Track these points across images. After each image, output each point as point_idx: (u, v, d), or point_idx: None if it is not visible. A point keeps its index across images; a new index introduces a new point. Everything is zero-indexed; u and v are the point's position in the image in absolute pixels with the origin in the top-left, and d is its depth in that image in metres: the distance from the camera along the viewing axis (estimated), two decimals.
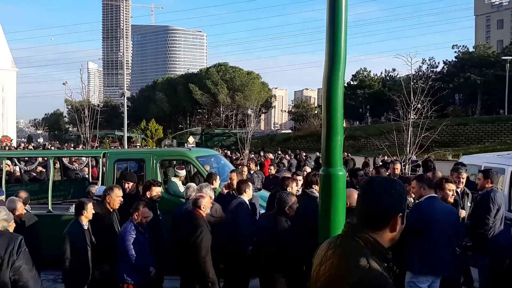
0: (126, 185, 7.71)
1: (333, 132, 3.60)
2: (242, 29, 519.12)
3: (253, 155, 24.21)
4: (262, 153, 26.31)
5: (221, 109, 71.62)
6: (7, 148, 34.46)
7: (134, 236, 5.65)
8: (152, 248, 5.87)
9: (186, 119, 76.11)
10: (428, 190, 5.25)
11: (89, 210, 5.86)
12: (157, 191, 6.86)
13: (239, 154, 23.98)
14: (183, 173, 9.25)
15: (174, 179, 9.14)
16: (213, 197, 6.72)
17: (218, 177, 8.00)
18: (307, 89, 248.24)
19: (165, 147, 34.99)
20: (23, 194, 6.71)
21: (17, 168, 13.22)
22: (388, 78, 78.03)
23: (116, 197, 6.40)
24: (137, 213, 5.76)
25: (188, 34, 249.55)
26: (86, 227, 5.81)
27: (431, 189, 5.28)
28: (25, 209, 6.27)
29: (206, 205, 5.86)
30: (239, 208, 6.41)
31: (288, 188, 6.52)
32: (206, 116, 78.20)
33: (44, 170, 14.50)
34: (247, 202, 6.65)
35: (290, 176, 7.62)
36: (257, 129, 57.46)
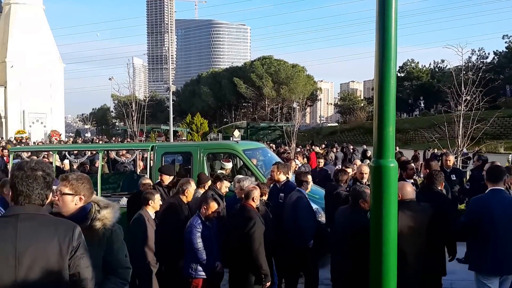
0: (163, 178, 7.79)
1: (385, 123, 3.51)
2: (287, 21, 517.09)
3: (299, 148, 24.07)
4: (308, 147, 26.14)
5: (266, 102, 71.44)
6: (55, 142, 35.80)
7: (201, 230, 5.63)
8: (219, 242, 5.85)
9: (231, 112, 76.46)
10: (490, 183, 4.94)
11: (156, 201, 5.97)
12: (226, 185, 7.08)
13: (286, 147, 23.89)
14: (229, 165, 9.31)
15: (220, 171, 9.19)
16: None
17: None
18: (353, 81, 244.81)
19: (210, 141, 35.30)
20: None
21: (67, 161, 13.64)
22: (437, 69, 75.74)
23: (193, 190, 6.50)
24: (205, 207, 5.72)
25: (231, 27, 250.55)
26: (153, 217, 5.93)
27: (495, 181, 4.94)
28: None
29: (258, 197, 5.80)
30: (300, 201, 6.30)
31: (341, 181, 6.43)
32: (251, 110, 78.23)
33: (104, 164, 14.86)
34: (306, 195, 6.55)
35: (343, 169, 7.49)
36: (303, 122, 57.14)
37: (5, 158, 17.75)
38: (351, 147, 25.57)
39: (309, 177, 6.75)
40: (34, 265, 2.52)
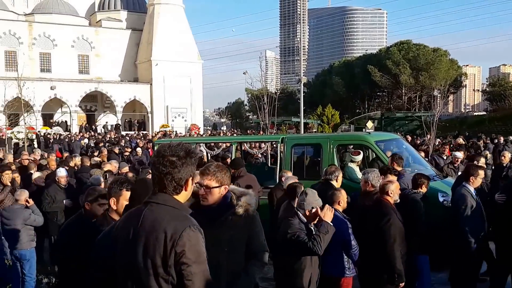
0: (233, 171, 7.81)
1: None
2: (427, 2, 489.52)
3: (439, 140, 22.39)
4: (449, 138, 24.27)
5: (403, 91, 67.97)
6: (194, 135, 37.92)
7: (350, 225, 5.37)
8: None
9: (364, 103, 74.35)
10: None
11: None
12: None
13: (425, 139, 22.40)
14: (358, 158, 8.99)
15: (351, 164, 8.90)
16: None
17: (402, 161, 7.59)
18: (505, 65, 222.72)
19: (342, 132, 34.61)
20: None
21: (205, 153, 14.21)
22: None
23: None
24: (342, 199, 5.48)
25: (366, 13, 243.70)
26: None
27: None
28: None
29: (395, 191, 5.35)
30: (463, 199, 5.79)
31: None
32: (386, 99, 75.19)
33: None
34: (473, 191, 5.94)
35: None
36: (444, 112, 53.29)
37: (149, 150, 19.24)
38: (502, 138, 23.04)
39: (481, 172, 6.08)
40: (145, 255, 2.43)
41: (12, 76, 28.87)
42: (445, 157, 11.38)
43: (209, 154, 13.74)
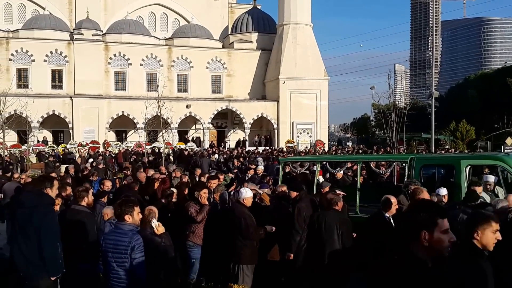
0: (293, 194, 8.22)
1: None
2: None
3: None
4: None
5: None
6: (320, 151, 37.98)
7: None
8: None
9: (503, 118, 68.54)
10: None
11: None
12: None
13: None
14: (491, 180, 8.45)
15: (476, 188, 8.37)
16: None
17: None
18: None
19: (478, 150, 32.39)
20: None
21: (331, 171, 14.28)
22: None
23: None
24: None
25: (506, 23, 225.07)
26: None
27: None
28: None
29: None
30: None
31: None
32: None
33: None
34: None
35: None
36: None
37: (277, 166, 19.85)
38: None
39: None
40: None
41: (153, 96, 31.59)
42: None
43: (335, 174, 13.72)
